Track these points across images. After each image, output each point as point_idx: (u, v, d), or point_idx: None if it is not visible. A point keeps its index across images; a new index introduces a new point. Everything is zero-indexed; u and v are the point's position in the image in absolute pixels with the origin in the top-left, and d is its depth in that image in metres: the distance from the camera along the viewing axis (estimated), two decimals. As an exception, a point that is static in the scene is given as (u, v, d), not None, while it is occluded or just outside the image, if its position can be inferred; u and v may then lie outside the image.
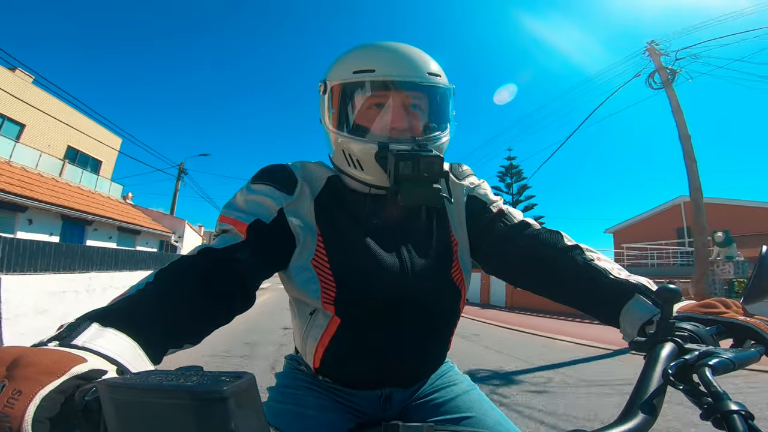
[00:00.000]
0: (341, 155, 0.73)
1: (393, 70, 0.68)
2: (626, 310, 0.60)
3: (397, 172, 0.63)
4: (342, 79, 0.71)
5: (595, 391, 3.73)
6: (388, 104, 0.70)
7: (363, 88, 0.70)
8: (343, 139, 0.71)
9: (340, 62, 0.73)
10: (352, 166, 0.72)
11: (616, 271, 0.66)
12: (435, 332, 0.76)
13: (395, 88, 0.69)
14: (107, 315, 0.44)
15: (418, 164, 0.63)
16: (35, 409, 0.29)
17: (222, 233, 0.67)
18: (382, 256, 0.71)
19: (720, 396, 0.36)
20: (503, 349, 6.05)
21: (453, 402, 0.76)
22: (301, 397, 0.74)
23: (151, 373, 0.27)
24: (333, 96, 0.73)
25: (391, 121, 0.69)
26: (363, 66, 0.69)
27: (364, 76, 0.69)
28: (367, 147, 0.68)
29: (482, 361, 5.14)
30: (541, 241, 0.73)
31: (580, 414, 3.03)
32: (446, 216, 0.80)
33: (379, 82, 0.69)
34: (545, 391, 3.73)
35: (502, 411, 0.76)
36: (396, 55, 0.70)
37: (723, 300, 0.55)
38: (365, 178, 0.72)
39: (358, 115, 0.71)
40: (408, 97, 0.70)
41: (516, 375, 4.42)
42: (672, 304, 0.47)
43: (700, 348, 0.43)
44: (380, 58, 0.69)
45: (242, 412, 0.23)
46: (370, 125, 0.70)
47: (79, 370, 0.33)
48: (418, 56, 0.71)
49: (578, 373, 4.51)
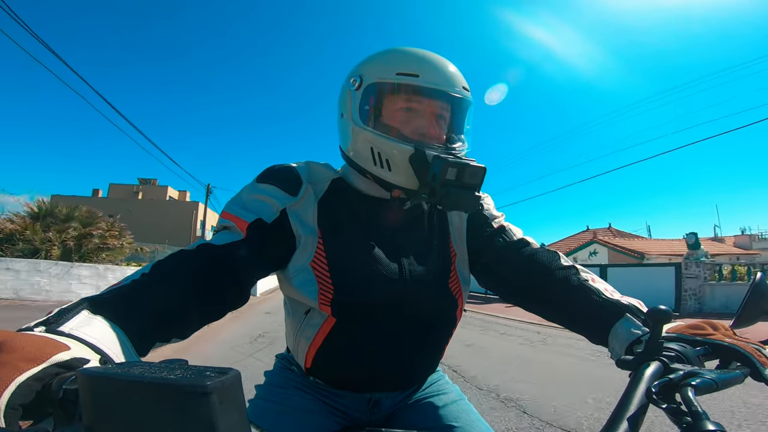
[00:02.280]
0: (368, 153, 0.71)
1: (436, 79, 0.70)
2: (615, 329, 0.61)
3: (443, 177, 0.64)
4: (383, 78, 0.71)
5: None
6: (422, 110, 0.71)
7: (402, 91, 0.71)
8: (374, 137, 0.70)
9: (381, 61, 0.73)
10: (379, 165, 0.71)
11: (608, 292, 0.66)
12: (429, 340, 0.76)
13: (434, 97, 0.70)
14: (98, 303, 0.44)
15: (463, 172, 0.65)
16: (9, 396, 0.29)
17: (223, 229, 0.67)
18: (381, 261, 0.71)
19: (699, 416, 0.36)
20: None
21: (440, 411, 0.76)
22: (288, 396, 0.74)
23: (135, 365, 0.26)
24: (367, 93, 0.72)
25: (424, 127, 0.70)
26: (407, 69, 0.70)
27: (408, 80, 0.69)
28: (402, 148, 0.68)
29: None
30: (537, 260, 0.74)
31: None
32: (447, 227, 0.81)
33: (422, 87, 0.70)
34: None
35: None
36: (439, 64, 0.71)
37: (711, 322, 0.55)
38: (392, 179, 0.71)
39: (388, 115, 0.71)
40: (440, 107, 0.72)
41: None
42: (662, 325, 0.47)
43: (685, 368, 0.43)
44: (424, 65, 0.70)
45: (224, 408, 0.23)
46: (399, 127, 0.71)
47: (60, 358, 0.33)
48: (455, 70, 0.73)
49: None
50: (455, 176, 0.65)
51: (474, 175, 0.65)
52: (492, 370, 4.24)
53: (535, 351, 5.46)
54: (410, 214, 0.78)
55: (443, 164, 0.64)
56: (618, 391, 0.42)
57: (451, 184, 0.65)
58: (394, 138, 0.69)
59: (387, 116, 0.71)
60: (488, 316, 9.66)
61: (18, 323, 0.38)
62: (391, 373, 0.73)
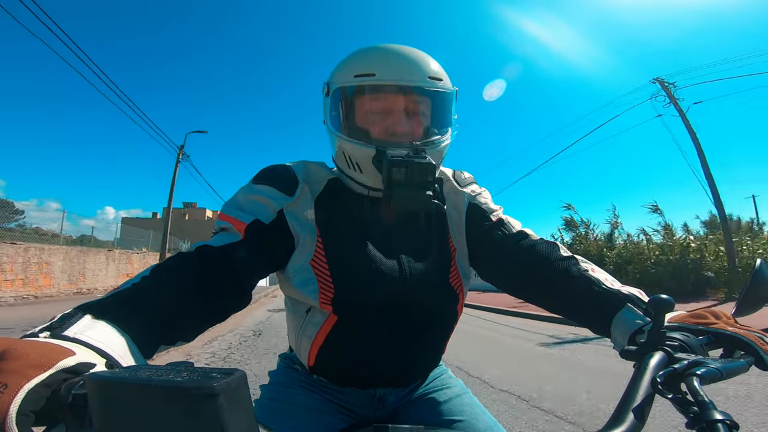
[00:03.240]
0: (342, 157, 0.73)
1: (393, 74, 0.69)
2: (617, 320, 0.61)
3: (390, 178, 0.64)
4: (343, 83, 0.72)
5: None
6: (388, 108, 0.70)
7: (363, 92, 0.71)
8: (344, 142, 0.72)
9: (343, 65, 0.74)
10: (352, 168, 0.72)
11: (609, 282, 0.66)
12: (431, 335, 0.76)
13: (394, 93, 0.70)
14: (100, 307, 0.44)
15: (411, 171, 0.63)
16: (20, 403, 0.29)
17: (221, 231, 0.68)
18: (380, 258, 0.71)
19: (706, 405, 0.36)
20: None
21: (445, 405, 0.76)
22: (293, 396, 0.74)
23: (141, 368, 0.26)
24: (335, 98, 0.73)
25: (393, 126, 0.70)
26: (364, 70, 0.70)
27: (364, 80, 0.70)
28: (364, 150, 0.69)
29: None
30: (537, 251, 0.74)
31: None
32: (446, 222, 0.81)
33: (379, 86, 0.69)
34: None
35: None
36: (396, 59, 0.70)
37: (713, 311, 0.55)
38: (364, 181, 0.73)
39: (359, 118, 0.72)
40: (408, 101, 0.70)
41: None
42: (663, 314, 0.47)
43: (689, 357, 0.43)
44: (381, 62, 0.70)
45: (232, 409, 0.23)
46: (370, 128, 0.71)
47: (66, 363, 0.32)
48: (418, 60, 0.71)
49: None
50: (404, 176, 0.63)
51: (423, 172, 0.63)
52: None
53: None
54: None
55: (389, 165, 0.63)
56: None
57: (399, 184, 0.63)
58: (359, 141, 0.70)
59: (359, 119, 0.72)
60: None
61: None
62: (393, 369, 0.73)
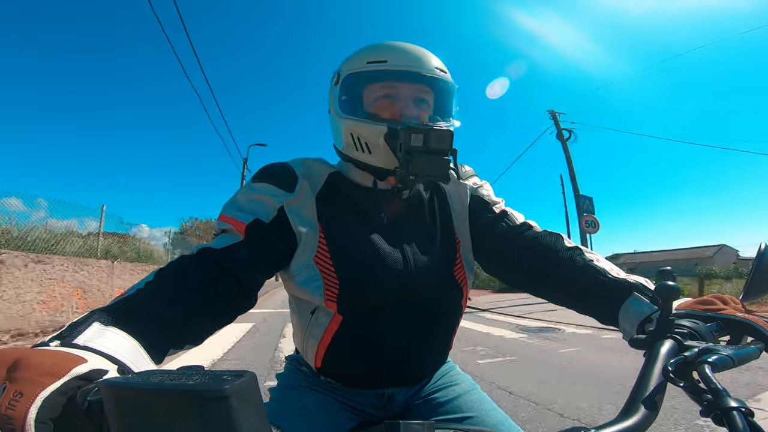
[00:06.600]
0: (349, 139, 0.74)
1: (403, 62, 0.72)
2: (624, 309, 0.60)
3: (409, 144, 0.65)
4: (355, 69, 0.74)
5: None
6: (397, 94, 0.72)
7: (374, 78, 0.73)
8: (353, 123, 0.73)
9: (355, 54, 0.77)
10: (360, 149, 0.73)
11: (615, 271, 0.66)
12: (437, 330, 0.76)
13: (406, 79, 0.72)
14: (108, 315, 0.44)
15: (429, 136, 0.65)
16: (37, 411, 0.29)
17: (221, 233, 0.67)
18: (384, 252, 0.71)
19: (720, 393, 0.36)
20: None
21: (454, 401, 0.76)
22: (303, 398, 0.74)
23: (153, 373, 0.27)
24: (345, 84, 0.75)
25: (401, 110, 0.72)
26: (376, 57, 0.73)
27: (376, 66, 0.72)
28: (376, 128, 0.70)
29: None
30: (541, 243, 0.74)
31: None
32: (450, 214, 0.81)
33: (390, 71, 0.72)
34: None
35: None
36: (407, 50, 0.74)
37: (721, 296, 0.55)
38: (373, 161, 0.73)
39: (368, 103, 0.73)
40: (416, 89, 0.73)
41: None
42: (671, 301, 0.47)
43: (700, 345, 0.43)
44: (392, 52, 0.73)
45: (244, 411, 0.23)
46: (379, 113, 0.72)
47: (79, 370, 0.33)
48: (426, 53, 0.75)
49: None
50: (422, 142, 0.65)
51: (440, 138, 0.65)
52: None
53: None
54: (410, 203, 0.78)
55: (407, 132, 0.65)
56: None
57: (417, 150, 0.65)
58: (370, 120, 0.72)
59: (367, 106, 0.73)
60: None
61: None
62: (402, 367, 0.73)
